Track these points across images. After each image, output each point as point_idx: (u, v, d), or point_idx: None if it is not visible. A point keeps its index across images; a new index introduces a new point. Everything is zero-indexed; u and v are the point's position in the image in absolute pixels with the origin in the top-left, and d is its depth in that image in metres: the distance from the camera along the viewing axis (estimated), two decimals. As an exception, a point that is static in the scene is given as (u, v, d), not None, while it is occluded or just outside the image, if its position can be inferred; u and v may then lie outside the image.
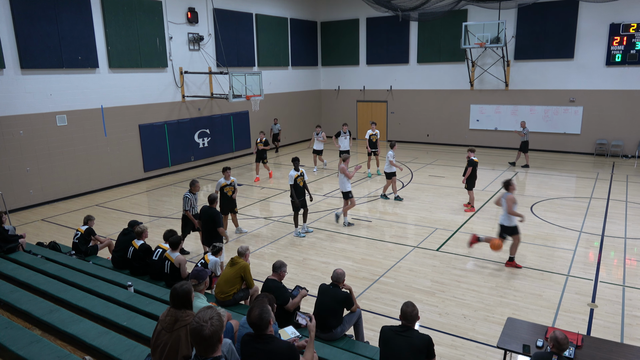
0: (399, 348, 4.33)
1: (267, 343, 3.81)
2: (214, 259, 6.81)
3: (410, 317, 4.42)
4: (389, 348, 4.39)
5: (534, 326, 5.56)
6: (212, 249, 6.96)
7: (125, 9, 14.93)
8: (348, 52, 24.00)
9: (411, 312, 4.43)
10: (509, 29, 19.48)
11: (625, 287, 7.81)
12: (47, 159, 13.55)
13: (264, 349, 3.80)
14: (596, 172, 16.25)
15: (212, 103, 18.82)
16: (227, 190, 10.20)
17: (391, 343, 4.39)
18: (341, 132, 16.09)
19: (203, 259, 6.87)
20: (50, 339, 4.91)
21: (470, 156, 11.86)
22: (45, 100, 13.37)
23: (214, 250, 6.93)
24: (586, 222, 10.98)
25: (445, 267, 8.73)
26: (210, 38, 18.22)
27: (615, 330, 6.57)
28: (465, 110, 21.46)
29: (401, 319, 4.47)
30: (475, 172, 11.84)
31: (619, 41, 17.74)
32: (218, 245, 6.96)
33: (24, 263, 7.34)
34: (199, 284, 5.01)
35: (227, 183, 10.19)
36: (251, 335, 3.91)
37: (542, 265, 8.74)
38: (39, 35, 12.84)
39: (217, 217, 8.51)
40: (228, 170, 10.25)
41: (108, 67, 14.77)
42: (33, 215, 12.76)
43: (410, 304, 4.50)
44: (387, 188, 13.38)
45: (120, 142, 15.50)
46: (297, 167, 10.35)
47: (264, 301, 3.96)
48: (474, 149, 12.07)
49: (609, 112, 18.55)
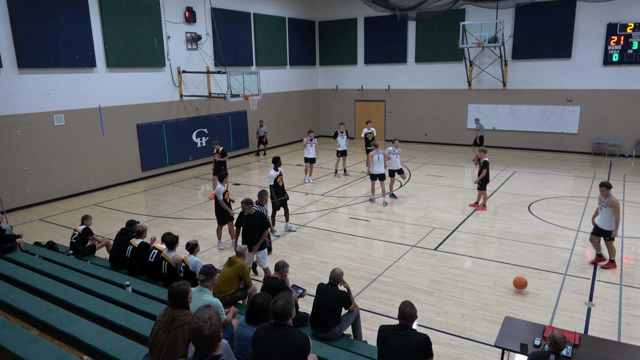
0: (397, 347, 4.34)
1: (284, 332, 3.96)
2: (195, 259, 6.59)
3: (408, 317, 4.43)
4: (387, 347, 4.39)
5: (531, 325, 5.58)
6: (187, 246, 6.65)
7: (123, 8, 14.90)
8: (346, 52, 24.00)
9: (410, 311, 4.44)
10: (507, 29, 19.51)
11: (623, 286, 7.83)
12: (44, 159, 13.52)
13: (279, 338, 3.92)
14: (594, 171, 16.29)
15: (210, 102, 18.80)
16: (227, 197, 9.77)
17: (389, 342, 4.39)
18: (338, 131, 16.11)
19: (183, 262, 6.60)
20: (48, 339, 4.90)
21: (483, 157, 11.97)
22: (43, 100, 13.34)
23: (189, 248, 6.65)
24: (583, 222, 11.01)
25: (443, 267, 8.74)
26: (208, 37, 18.20)
27: (613, 329, 6.59)
28: (463, 110, 21.49)
29: (399, 318, 4.47)
30: (488, 172, 11.93)
31: (616, 41, 17.78)
32: (192, 242, 6.69)
33: (22, 263, 7.32)
34: (207, 280, 5.02)
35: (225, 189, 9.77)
36: (268, 324, 4.06)
37: (540, 264, 8.76)
38: (36, 35, 12.80)
39: (264, 218, 8.04)
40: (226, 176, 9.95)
41: (106, 67, 14.74)
42: (30, 214, 12.73)
43: (409, 303, 4.51)
44: (392, 186, 13.43)
45: (118, 142, 15.47)
46: (277, 167, 10.32)
47: (289, 294, 4.15)
48: (486, 150, 12.24)
49: (606, 112, 18.60)
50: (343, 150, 16.04)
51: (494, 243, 9.88)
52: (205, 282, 5.02)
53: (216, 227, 10.10)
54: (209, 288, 5.07)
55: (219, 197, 9.52)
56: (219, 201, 9.54)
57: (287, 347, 3.86)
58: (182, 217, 12.18)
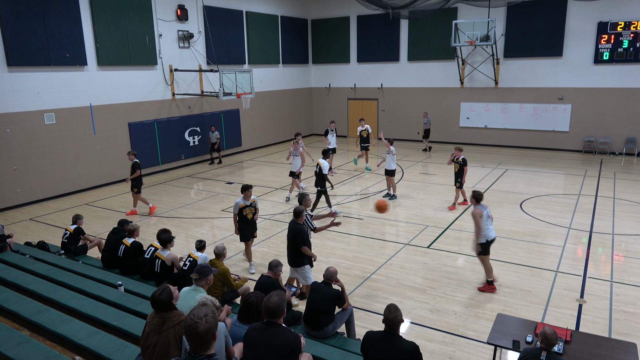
0: (382, 357, 4.10)
1: (275, 332, 3.91)
2: (203, 255, 6.74)
3: (392, 323, 4.15)
4: (373, 355, 4.16)
5: (523, 322, 5.62)
6: (198, 244, 6.86)
7: (114, 5, 14.78)
8: (339, 50, 23.99)
9: (393, 318, 4.14)
10: (499, 27, 19.60)
11: (613, 283, 7.91)
12: (35, 158, 13.40)
13: (270, 337, 3.87)
14: (584, 169, 16.42)
15: (202, 101, 18.72)
16: (247, 212, 8.53)
17: (374, 351, 4.16)
18: (329, 129, 16.22)
19: (190, 256, 6.75)
20: (40, 340, 4.87)
21: (461, 155, 11.93)
22: (33, 99, 13.21)
23: (199, 246, 6.84)
24: (575, 219, 11.10)
25: (436, 264, 8.77)
26: (200, 35, 18.12)
27: (604, 325, 6.65)
28: (456, 108, 21.57)
29: (385, 324, 4.21)
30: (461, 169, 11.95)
31: (607, 39, 17.92)
32: (203, 241, 6.91)
33: (12, 263, 7.25)
34: (201, 279, 5.01)
35: (247, 204, 8.49)
36: (259, 324, 4.01)
37: (532, 261, 8.82)
38: (26, 33, 12.67)
39: (300, 234, 7.06)
40: (249, 189, 8.44)
41: (97, 65, 14.62)
42: (21, 214, 12.61)
43: (393, 308, 4.22)
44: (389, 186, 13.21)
45: (110, 141, 15.36)
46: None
47: (283, 293, 4.12)
48: (462, 148, 12.19)
49: (597, 110, 18.75)
50: (333, 148, 16.26)
51: (487, 241, 9.92)
52: (199, 282, 5.02)
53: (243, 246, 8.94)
54: (203, 287, 5.06)
55: (234, 211, 8.51)
56: (233, 215, 8.58)
57: (278, 346, 3.84)
58: (175, 216, 12.12)
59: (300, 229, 7.05)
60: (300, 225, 7.12)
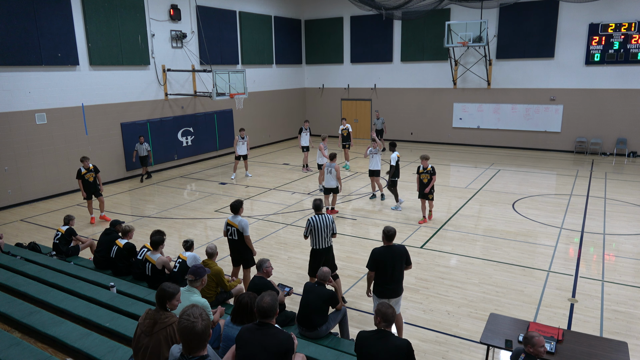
0: (377, 355, 4.11)
1: (268, 332, 3.88)
2: (192, 255, 6.63)
3: (387, 318, 4.17)
4: (366, 354, 4.17)
5: (515, 321, 5.65)
6: (185, 244, 6.76)
7: (106, 5, 14.69)
8: (332, 51, 24.01)
9: (391, 313, 4.18)
10: (491, 28, 19.71)
11: (605, 282, 7.97)
12: (26, 158, 13.28)
13: (263, 338, 3.85)
14: (576, 169, 16.55)
15: (195, 101, 18.66)
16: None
17: (369, 350, 4.16)
18: (303, 128, 16.70)
19: (179, 257, 6.66)
20: (31, 342, 4.82)
21: (428, 164, 10.93)
22: (24, 98, 13.09)
23: (186, 246, 6.74)
24: (566, 219, 11.18)
25: (429, 264, 8.80)
26: (194, 35, 18.05)
27: (595, 324, 6.71)
28: (448, 109, 21.66)
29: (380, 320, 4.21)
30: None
31: (598, 41, 18.08)
32: (190, 240, 6.82)
33: (3, 264, 7.18)
34: (196, 280, 4.97)
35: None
36: (251, 325, 3.98)
37: (524, 261, 8.88)
38: (17, 32, 12.55)
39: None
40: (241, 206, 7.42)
41: (89, 65, 14.52)
42: (12, 215, 12.50)
43: (387, 304, 4.27)
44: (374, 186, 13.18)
45: (102, 141, 15.26)
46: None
47: (275, 294, 4.08)
48: (428, 156, 11.15)
49: (588, 111, 18.90)
50: (306, 145, 16.77)
51: (479, 241, 9.98)
52: (194, 283, 4.96)
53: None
54: (198, 288, 5.02)
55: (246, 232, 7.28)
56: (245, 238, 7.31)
57: (271, 347, 3.83)
58: (168, 217, 12.07)
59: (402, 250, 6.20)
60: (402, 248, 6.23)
